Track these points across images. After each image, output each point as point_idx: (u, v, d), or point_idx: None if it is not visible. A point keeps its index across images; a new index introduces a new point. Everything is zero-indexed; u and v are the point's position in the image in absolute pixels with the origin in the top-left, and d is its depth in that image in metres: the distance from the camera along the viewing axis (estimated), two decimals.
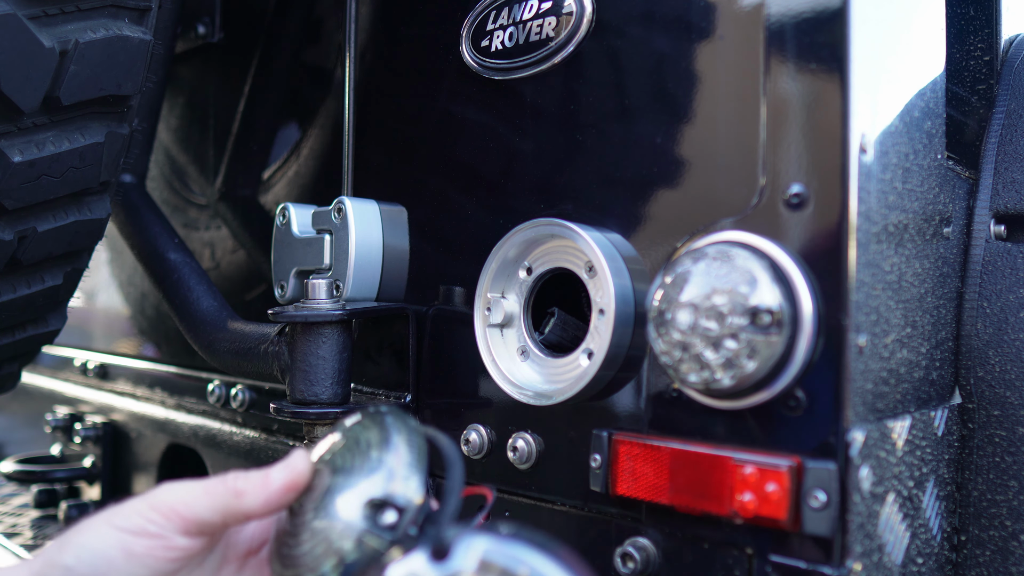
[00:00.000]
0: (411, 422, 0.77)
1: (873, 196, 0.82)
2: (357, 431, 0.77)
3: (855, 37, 0.80)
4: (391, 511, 0.70)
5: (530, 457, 1.01)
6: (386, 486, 0.71)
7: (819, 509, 0.77)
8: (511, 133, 1.07)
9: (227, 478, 0.74)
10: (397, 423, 0.76)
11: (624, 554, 0.90)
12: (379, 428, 0.76)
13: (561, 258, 0.97)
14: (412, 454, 0.73)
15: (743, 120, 0.86)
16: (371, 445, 0.74)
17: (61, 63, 0.93)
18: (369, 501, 0.71)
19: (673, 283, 0.82)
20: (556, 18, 1.01)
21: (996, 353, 1.03)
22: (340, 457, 0.75)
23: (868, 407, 0.82)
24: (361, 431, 0.77)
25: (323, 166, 1.41)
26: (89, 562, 0.69)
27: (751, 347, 0.78)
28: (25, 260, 1.08)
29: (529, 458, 1.01)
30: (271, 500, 0.74)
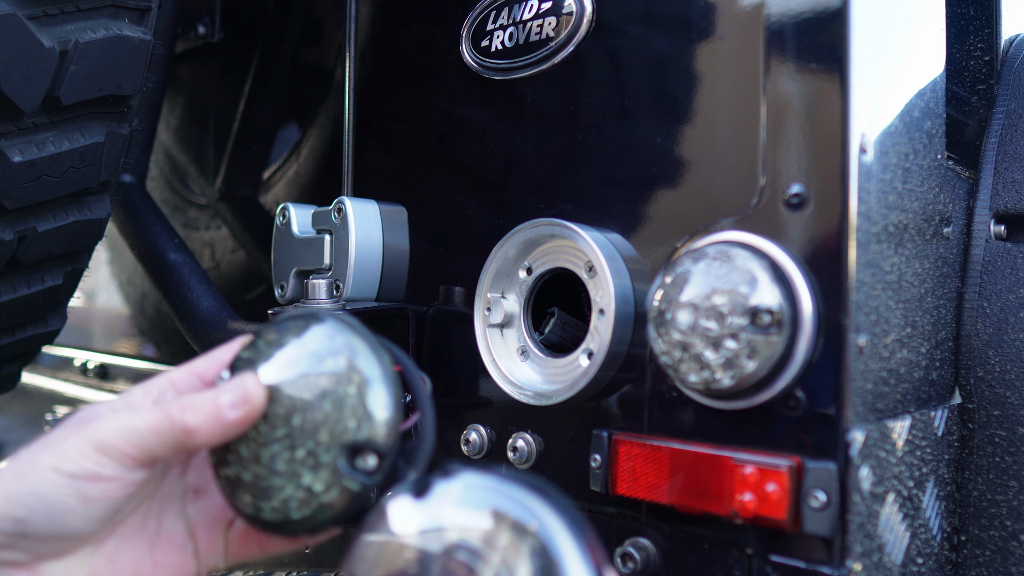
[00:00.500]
0: (372, 339, 0.72)
1: (873, 196, 0.82)
2: (316, 349, 0.71)
3: (855, 37, 0.80)
4: (371, 456, 0.66)
5: (530, 457, 1.01)
6: (366, 429, 0.67)
7: (819, 509, 0.77)
8: (511, 133, 1.07)
9: (172, 412, 0.69)
10: (364, 346, 0.70)
11: (624, 554, 0.90)
12: (347, 352, 0.70)
13: (561, 258, 0.97)
14: (387, 388, 0.69)
15: (743, 120, 0.86)
16: (340, 375, 0.69)
17: (61, 63, 0.93)
18: (347, 445, 0.67)
19: (673, 283, 0.82)
20: (556, 18, 1.01)
21: (996, 353, 1.03)
22: (303, 385, 0.70)
23: (868, 407, 0.82)
24: (322, 350, 0.71)
25: (323, 166, 1.41)
26: (44, 512, 0.66)
27: (751, 347, 0.78)
28: (25, 260, 1.08)
29: (529, 458, 1.01)
30: (226, 435, 0.70)
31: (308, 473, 0.68)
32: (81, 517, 0.68)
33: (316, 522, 0.69)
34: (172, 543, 0.76)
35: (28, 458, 0.68)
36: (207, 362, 0.79)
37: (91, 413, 0.72)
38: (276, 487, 0.69)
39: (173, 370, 0.79)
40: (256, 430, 0.70)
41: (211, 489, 0.79)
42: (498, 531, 0.55)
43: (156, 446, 0.69)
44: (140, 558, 0.74)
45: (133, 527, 0.74)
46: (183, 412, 0.69)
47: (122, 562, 0.73)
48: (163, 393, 0.76)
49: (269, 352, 0.72)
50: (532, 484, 0.58)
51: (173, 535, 0.76)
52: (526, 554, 0.53)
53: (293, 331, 0.73)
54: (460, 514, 0.58)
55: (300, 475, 0.68)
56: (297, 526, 0.69)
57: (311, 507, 0.68)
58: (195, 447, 0.70)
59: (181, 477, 0.79)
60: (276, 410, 0.70)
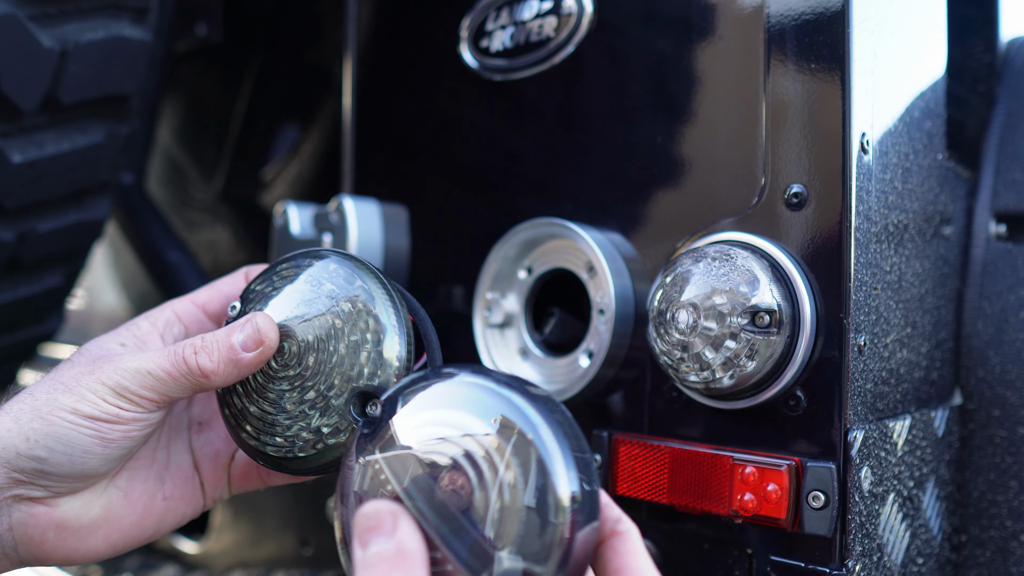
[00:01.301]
0: (389, 284, 0.70)
1: (873, 196, 0.82)
2: (333, 289, 0.70)
3: (855, 37, 0.80)
4: (378, 403, 0.65)
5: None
6: (379, 376, 0.66)
7: (819, 509, 0.77)
8: (511, 133, 1.07)
9: (187, 355, 0.69)
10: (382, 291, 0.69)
11: None
12: (364, 296, 0.68)
13: (561, 258, 0.97)
14: (402, 337, 0.67)
15: (743, 120, 0.86)
16: (357, 320, 0.68)
17: (61, 63, 0.93)
18: (359, 390, 0.67)
19: (673, 283, 0.82)
20: (556, 18, 1.01)
21: (996, 353, 1.03)
22: (318, 325, 0.69)
23: (868, 407, 0.82)
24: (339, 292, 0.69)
25: (323, 166, 1.41)
26: (64, 452, 0.68)
27: (751, 347, 0.78)
28: (25, 260, 1.08)
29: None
30: (241, 375, 0.70)
31: (316, 414, 0.68)
32: (100, 457, 0.69)
33: (319, 463, 0.69)
34: (180, 475, 0.78)
35: (46, 398, 0.69)
36: (210, 293, 0.80)
37: (101, 349, 0.73)
38: (283, 424, 0.69)
39: (175, 300, 0.79)
40: (267, 365, 0.70)
41: (215, 422, 0.80)
42: (496, 439, 0.54)
43: (173, 389, 0.70)
44: (152, 490, 0.76)
45: (144, 460, 0.76)
46: (198, 355, 0.69)
47: (135, 494, 0.75)
48: (169, 326, 0.77)
49: (283, 287, 0.71)
50: (527, 390, 0.57)
51: (181, 467, 0.78)
52: (518, 460, 0.52)
53: (309, 268, 0.71)
54: (460, 419, 0.56)
55: (309, 416, 0.68)
56: (299, 464, 0.69)
57: (316, 448, 0.68)
58: (211, 388, 0.71)
59: (187, 409, 0.80)
60: (289, 347, 0.69)
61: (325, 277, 0.71)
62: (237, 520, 1.51)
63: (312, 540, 1.34)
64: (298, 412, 0.69)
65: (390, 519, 0.52)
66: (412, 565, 0.50)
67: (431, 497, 0.54)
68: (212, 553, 1.57)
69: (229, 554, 1.53)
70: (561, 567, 0.50)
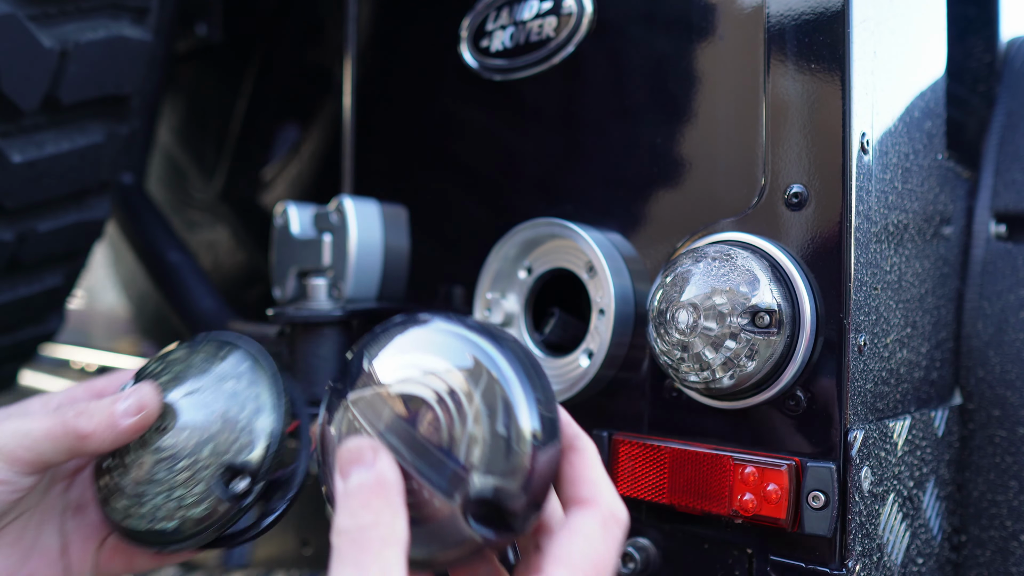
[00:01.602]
0: (276, 376, 0.74)
1: (873, 196, 0.82)
2: (220, 371, 0.74)
3: (855, 37, 0.80)
4: (246, 478, 0.69)
5: None
6: (246, 453, 0.70)
7: (819, 509, 0.77)
8: (511, 133, 1.07)
9: (67, 417, 0.70)
10: (266, 378, 0.73)
11: (624, 554, 0.90)
12: (248, 380, 0.73)
13: (561, 258, 0.97)
14: (276, 419, 0.71)
15: (743, 120, 0.86)
16: (236, 399, 0.72)
17: (61, 63, 0.93)
18: (226, 464, 0.69)
19: (673, 283, 0.82)
20: (556, 18, 1.01)
21: (996, 353, 1.03)
22: (199, 402, 0.72)
23: (868, 407, 0.82)
24: (225, 374, 0.73)
25: (323, 166, 1.41)
26: None
27: (751, 347, 0.78)
28: (25, 260, 1.08)
29: None
30: (118, 441, 0.71)
31: (182, 486, 0.70)
32: None
33: (180, 535, 0.71)
34: (45, 558, 0.77)
35: None
36: (107, 381, 0.81)
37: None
38: (149, 495, 0.71)
39: (74, 386, 0.81)
40: (145, 439, 0.72)
41: (91, 506, 0.80)
42: (465, 380, 0.58)
43: (49, 451, 0.70)
44: (13, 569, 0.75)
45: (10, 536, 0.75)
46: (78, 417, 0.70)
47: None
48: (60, 404, 0.78)
49: (172, 368, 0.75)
50: (494, 334, 0.61)
51: (48, 550, 0.77)
52: (486, 400, 0.57)
53: (200, 351, 0.76)
54: (432, 362, 0.60)
55: (174, 487, 0.70)
56: (161, 537, 0.71)
57: (177, 519, 0.70)
58: (88, 453, 0.71)
59: (64, 493, 0.79)
60: (168, 423, 0.72)
61: (215, 359, 0.75)
62: None
63: (312, 540, 1.34)
64: (166, 483, 0.71)
65: (370, 452, 0.56)
66: (391, 492, 0.55)
67: (405, 434, 0.59)
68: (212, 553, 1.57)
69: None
70: (527, 484, 0.56)
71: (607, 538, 0.58)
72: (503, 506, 0.56)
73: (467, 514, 0.57)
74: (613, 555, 0.59)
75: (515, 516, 0.57)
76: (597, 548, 0.57)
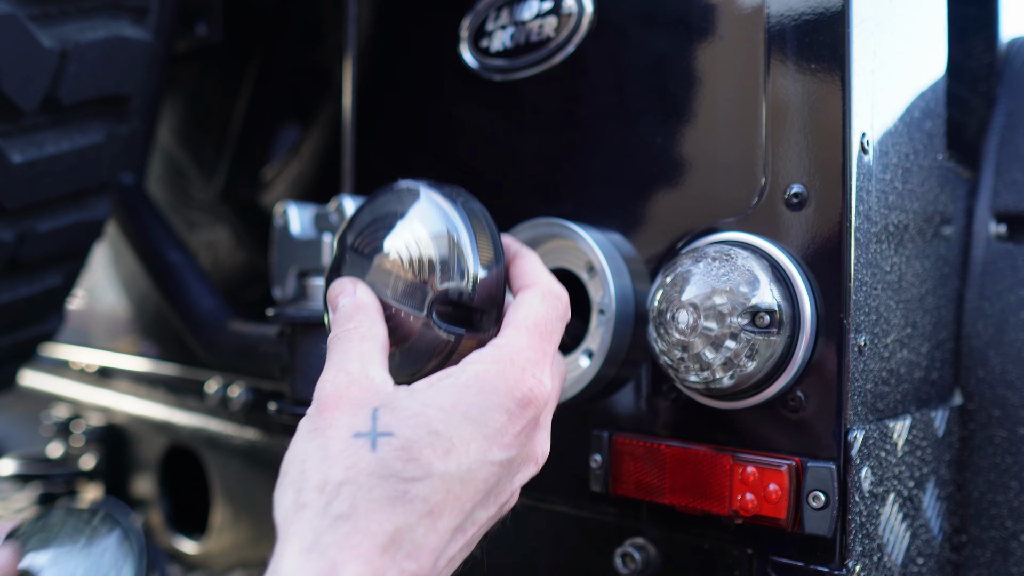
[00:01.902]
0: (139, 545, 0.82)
1: (873, 196, 0.82)
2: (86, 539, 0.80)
3: (855, 37, 0.80)
4: None
5: None
6: None
7: (819, 509, 0.77)
8: (511, 133, 1.07)
9: None
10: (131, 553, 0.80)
11: (624, 554, 0.90)
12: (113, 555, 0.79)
13: (561, 258, 0.97)
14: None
15: (743, 120, 0.86)
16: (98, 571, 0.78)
17: (61, 63, 0.93)
18: None
19: (673, 283, 0.82)
20: (556, 18, 1.01)
21: (996, 353, 1.03)
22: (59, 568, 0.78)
23: (868, 407, 0.82)
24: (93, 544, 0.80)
25: (323, 166, 1.41)
26: None
27: (751, 347, 0.78)
28: (25, 260, 1.08)
29: None
30: None
31: None
32: None
33: None
34: None
35: None
36: None
37: None
38: None
39: None
40: None
41: None
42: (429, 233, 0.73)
43: None
44: None
45: None
46: None
47: None
48: None
49: (42, 532, 0.80)
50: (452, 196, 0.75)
51: None
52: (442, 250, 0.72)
53: (74, 519, 0.82)
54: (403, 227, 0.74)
55: None
56: None
57: None
58: None
59: None
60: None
61: (86, 526, 0.81)
62: (237, 520, 1.51)
63: None
64: None
65: (351, 284, 0.73)
66: (370, 309, 0.71)
67: (385, 277, 0.73)
68: (212, 553, 1.57)
69: (229, 554, 1.53)
70: (476, 286, 0.71)
71: (547, 305, 0.72)
72: (461, 303, 0.71)
73: (434, 316, 0.71)
74: (554, 317, 0.72)
75: (473, 312, 0.72)
76: (539, 311, 0.71)
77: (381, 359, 0.67)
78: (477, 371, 0.65)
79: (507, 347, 0.68)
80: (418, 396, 0.63)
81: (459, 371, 0.66)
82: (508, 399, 0.64)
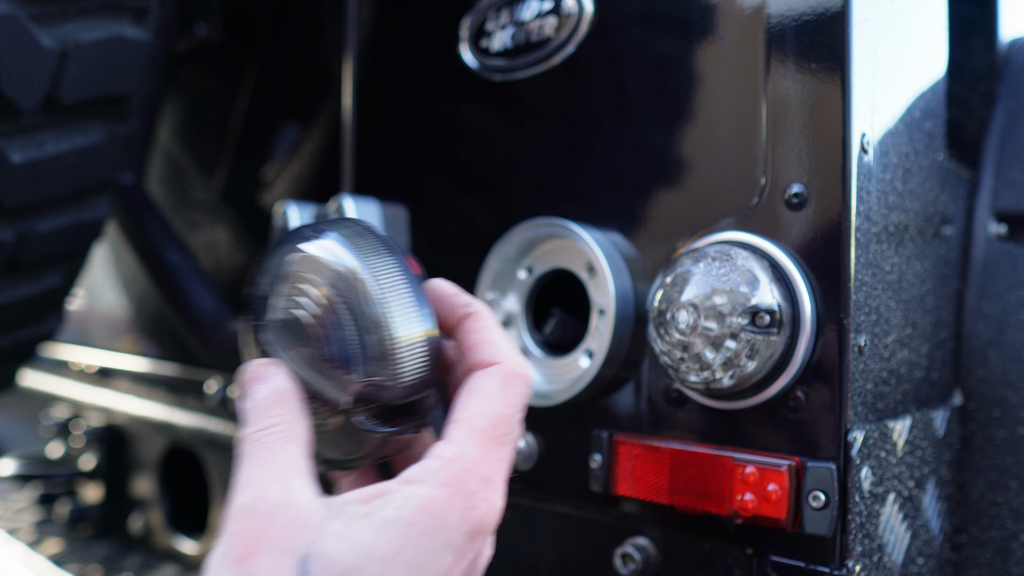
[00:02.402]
0: None
1: (873, 196, 0.82)
2: None
3: (855, 37, 0.80)
4: None
5: (531, 458, 1.01)
6: None
7: (819, 509, 0.77)
8: (511, 133, 1.07)
9: None
10: None
11: (624, 554, 0.90)
12: None
13: (561, 258, 0.97)
14: None
15: (743, 120, 0.86)
16: None
17: (61, 63, 0.93)
18: None
19: (673, 283, 0.82)
20: (557, 18, 1.01)
21: (996, 353, 1.03)
22: None
23: (868, 407, 0.82)
24: None
25: (323, 166, 1.41)
26: None
27: (751, 347, 0.78)
28: (25, 260, 1.08)
29: (530, 459, 1.01)
30: None
31: None
32: None
33: None
34: None
35: None
36: None
37: None
38: None
39: None
40: None
41: None
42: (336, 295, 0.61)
43: None
44: None
45: None
46: None
47: None
48: None
49: None
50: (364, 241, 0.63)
51: None
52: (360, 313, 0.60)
53: None
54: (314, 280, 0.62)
55: None
56: None
57: None
58: None
59: None
60: None
61: None
62: None
63: None
64: None
65: (265, 369, 0.62)
66: (288, 399, 0.60)
67: (300, 353, 0.62)
68: None
69: None
70: (402, 373, 0.60)
71: (507, 395, 0.60)
72: (385, 399, 0.60)
73: (360, 414, 0.61)
74: (515, 411, 0.61)
75: (403, 406, 0.61)
76: (496, 405, 0.60)
77: (305, 467, 0.58)
78: (422, 501, 0.56)
79: (457, 463, 0.57)
80: (354, 538, 0.54)
81: (402, 499, 0.56)
82: (457, 534, 0.56)
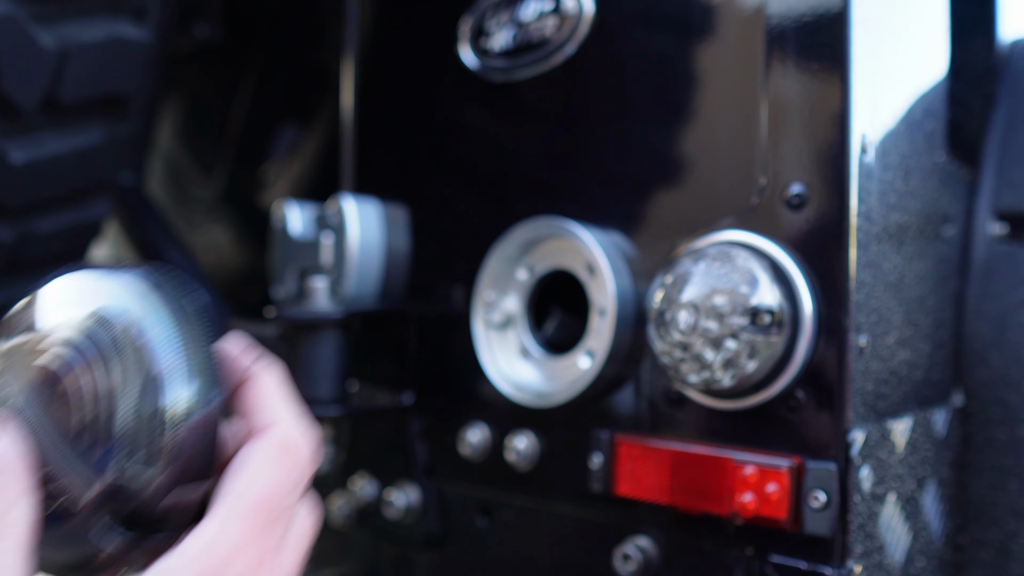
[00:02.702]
0: None
1: (873, 196, 0.82)
2: None
3: (855, 37, 0.80)
4: None
5: (531, 458, 1.01)
6: None
7: (819, 509, 0.77)
8: (512, 133, 1.07)
9: None
10: None
11: (624, 554, 0.90)
12: None
13: (561, 258, 0.97)
14: None
15: (743, 120, 0.86)
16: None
17: (61, 63, 0.93)
18: None
19: (673, 283, 0.82)
20: (557, 19, 1.01)
21: (997, 353, 1.02)
22: None
23: (869, 407, 0.82)
24: None
25: (323, 166, 1.41)
26: None
27: (751, 347, 0.78)
28: (25, 260, 1.08)
29: (530, 459, 1.01)
30: None
31: None
32: None
33: None
34: None
35: None
36: None
37: None
38: None
39: None
40: None
41: None
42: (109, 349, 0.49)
43: None
44: None
45: None
46: None
47: None
48: None
49: None
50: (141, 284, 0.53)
51: None
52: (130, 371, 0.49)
53: None
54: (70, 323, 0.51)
55: None
56: None
57: None
58: None
59: None
60: None
61: None
62: None
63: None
64: None
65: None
66: (17, 474, 0.47)
67: (39, 411, 0.49)
68: None
69: None
70: (173, 462, 0.48)
71: (279, 468, 0.51)
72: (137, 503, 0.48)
73: (103, 515, 0.48)
74: (289, 485, 0.52)
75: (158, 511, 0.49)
76: (264, 481, 0.50)
77: (20, 566, 0.45)
78: None
79: (216, 549, 0.48)
80: None
81: None
82: None
